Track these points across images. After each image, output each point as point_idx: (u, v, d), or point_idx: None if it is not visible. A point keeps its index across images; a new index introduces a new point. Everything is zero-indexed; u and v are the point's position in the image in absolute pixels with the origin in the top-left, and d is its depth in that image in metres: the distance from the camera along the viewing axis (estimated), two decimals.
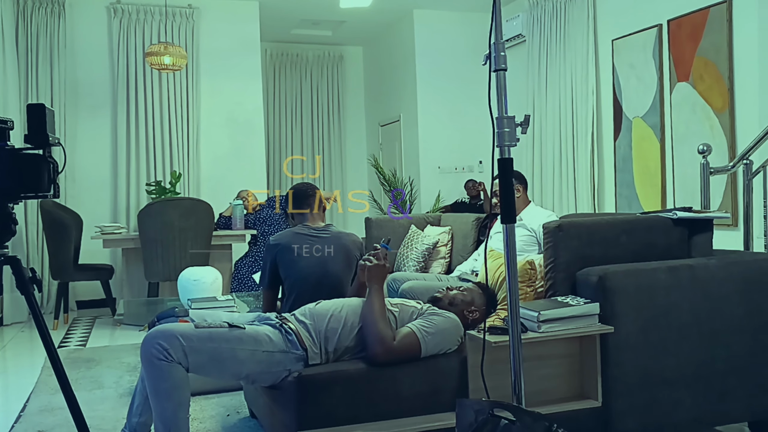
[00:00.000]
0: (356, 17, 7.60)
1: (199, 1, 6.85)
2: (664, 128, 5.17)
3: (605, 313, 2.35)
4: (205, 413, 3.09)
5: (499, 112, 1.92)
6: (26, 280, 2.08)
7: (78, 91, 6.50)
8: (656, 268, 2.45)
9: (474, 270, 3.92)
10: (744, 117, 4.49)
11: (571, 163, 6.09)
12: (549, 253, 2.52)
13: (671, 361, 2.42)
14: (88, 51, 6.54)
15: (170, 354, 2.07)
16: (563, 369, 2.43)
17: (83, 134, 6.51)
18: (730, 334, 2.49)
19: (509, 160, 1.93)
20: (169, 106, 6.69)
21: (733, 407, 2.51)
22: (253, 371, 2.21)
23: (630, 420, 2.38)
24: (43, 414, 3.18)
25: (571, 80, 6.08)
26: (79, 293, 6.39)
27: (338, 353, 2.31)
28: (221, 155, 6.96)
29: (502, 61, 1.91)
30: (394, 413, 2.25)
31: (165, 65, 5.77)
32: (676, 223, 2.64)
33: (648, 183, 5.34)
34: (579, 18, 5.98)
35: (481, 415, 1.88)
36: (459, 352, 2.36)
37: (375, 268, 2.42)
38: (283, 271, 2.90)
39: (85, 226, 5.92)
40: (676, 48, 5.01)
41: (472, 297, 2.55)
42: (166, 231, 5.33)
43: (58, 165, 2.10)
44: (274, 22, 7.55)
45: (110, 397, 3.42)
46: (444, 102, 7.54)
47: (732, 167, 3.75)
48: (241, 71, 7.03)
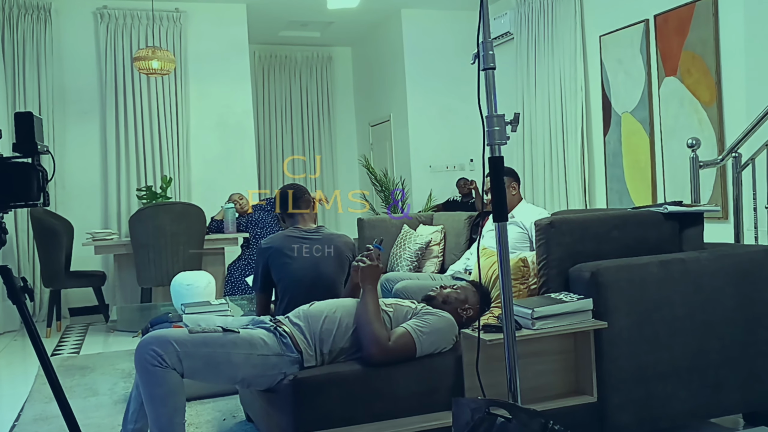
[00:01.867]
0: (344, 18, 7.60)
1: (187, 5, 6.82)
2: (653, 123, 5.19)
3: (599, 309, 2.36)
4: (201, 418, 3.08)
5: (489, 110, 1.92)
6: (17, 289, 2.07)
7: (66, 97, 6.46)
8: (648, 263, 2.46)
9: (467, 269, 3.93)
10: (732, 110, 4.52)
11: (562, 160, 6.10)
12: (541, 249, 2.53)
13: (665, 355, 2.43)
14: (75, 57, 6.51)
15: (165, 360, 2.06)
16: (558, 365, 2.44)
17: (72, 141, 6.47)
18: (723, 326, 2.50)
19: (500, 159, 1.93)
20: (158, 111, 6.66)
21: (727, 399, 2.53)
22: (248, 375, 2.21)
23: (625, 414, 2.39)
24: (37, 423, 3.16)
25: (560, 77, 6.10)
26: (72, 300, 6.36)
27: (333, 355, 2.31)
28: (212, 158, 6.94)
29: (491, 60, 1.92)
30: (391, 413, 2.25)
31: (153, 69, 5.74)
32: (667, 217, 2.65)
33: (638, 177, 5.37)
34: (566, 15, 6.00)
35: (477, 414, 1.88)
36: (454, 350, 2.36)
37: (368, 269, 2.42)
38: (276, 274, 2.89)
39: (76, 232, 5.89)
40: (664, 43, 5.04)
41: (466, 295, 2.55)
42: (157, 236, 5.31)
43: (47, 173, 2.08)
44: (262, 24, 7.53)
45: (105, 404, 3.41)
46: (434, 101, 7.54)
47: (721, 160, 3.77)
48: (229, 74, 7.01)
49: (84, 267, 5.98)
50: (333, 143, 8.84)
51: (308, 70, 8.75)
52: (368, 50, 8.55)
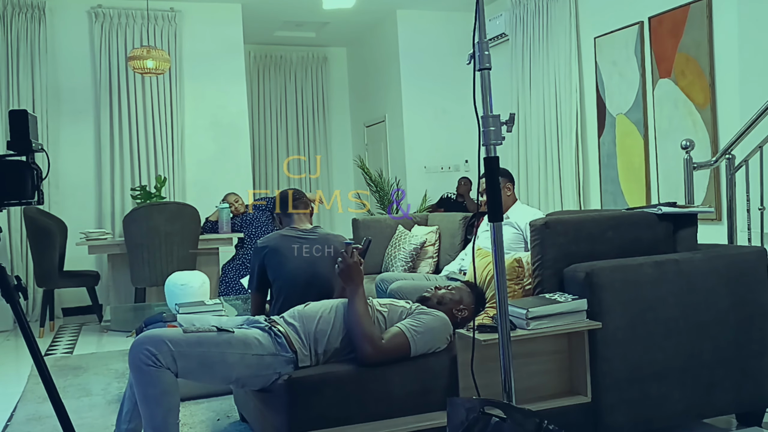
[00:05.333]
0: (339, 18, 7.60)
1: (182, 4, 6.81)
2: (647, 124, 5.21)
3: (593, 309, 2.37)
4: (195, 418, 3.08)
5: (485, 110, 1.93)
6: (11, 288, 2.06)
7: (60, 96, 6.44)
8: (642, 263, 2.46)
9: (462, 269, 3.93)
10: (725, 112, 4.54)
11: (556, 161, 6.12)
12: (536, 250, 2.53)
13: (659, 355, 2.44)
14: (69, 56, 6.48)
15: (159, 359, 2.06)
16: (552, 365, 2.45)
17: (66, 140, 6.44)
18: (717, 326, 2.51)
19: (495, 159, 1.93)
20: (153, 110, 6.65)
21: (720, 399, 2.54)
22: (242, 375, 2.21)
23: (619, 414, 2.40)
24: (30, 423, 3.15)
25: (555, 78, 6.11)
26: (65, 300, 6.33)
27: (328, 355, 2.31)
28: (206, 158, 6.93)
29: (486, 61, 1.93)
30: (386, 413, 2.25)
31: (148, 69, 5.73)
32: (661, 218, 2.66)
33: (632, 179, 5.38)
34: (561, 16, 6.02)
35: (472, 414, 1.89)
36: (449, 350, 2.36)
37: (347, 269, 2.35)
38: (272, 274, 2.89)
39: (70, 232, 5.87)
40: (658, 45, 5.06)
41: (461, 296, 2.55)
42: (151, 236, 5.29)
43: (41, 171, 2.08)
44: (257, 24, 7.52)
45: (98, 405, 3.39)
46: (428, 101, 7.55)
47: (715, 162, 3.79)
48: (224, 74, 7.00)
49: (77, 267, 5.96)
50: (328, 144, 8.83)
51: (303, 71, 8.75)
52: (363, 51, 8.55)
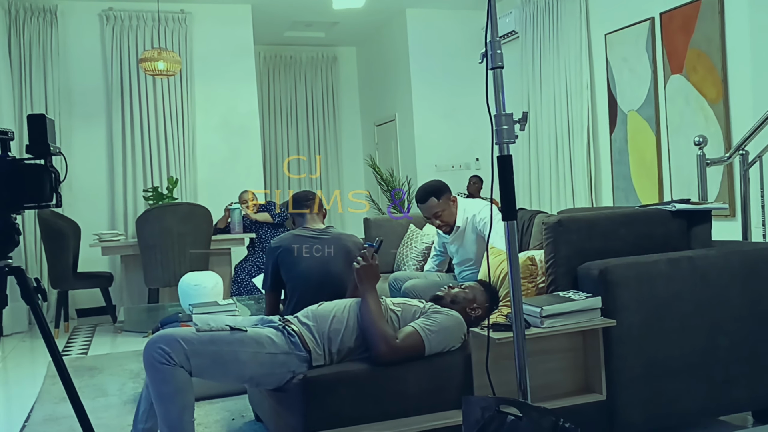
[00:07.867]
0: (349, 18, 7.60)
1: (192, 6, 6.84)
2: (659, 120, 5.18)
3: (607, 307, 2.36)
4: (210, 418, 3.09)
5: (497, 109, 1.93)
6: (31, 290, 2.09)
7: (72, 99, 6.49)
8: (657, 260, 2.46)
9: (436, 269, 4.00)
10: (738, 107, 4.51)
11: (568, 158, 6.10)
12: (549, 248, 2.53)
13: (674, 352, 2.43)
14: (81, 59, 6.53)
15: (172, 357, 2.07)
16: (567, 363, 2.44)
17: (78, 142, 6.49)
18: (732, 323, 2.50)
19: (508, 157, 1.94)
20: (164, 112, 6.68)
21: (736, 396, 2.53)
22: (256, 373, 2.21)
23: (635, 412, 2.39)
24: (47, 423, 3.18)
25: (565, 75, 6.09)
26: (79, 301, 6.38)
27: (342, 354, 2.31)
28: (218, 159, 6.96)
29: (499, 59, 1.93)
30: (401, 412, 2.26)
31: (159, 71, 5.76)
32: (675, 215, 2.65)
33: (644, 175, 5.36)
34: (571, 13, 5.99)
35: (487, 412, 1.89)
36: (463, 349, 2.36)
37: (363, 269, 2.41)
38: (285, 273, 2.90)
39: (83, 234, 5.92)
40: (669, 40, 5.03)
41: (474, 294, 2.56)
42: (164, 237, 5.32)
43: (59, 174, 2.10)
44: (267, 24, 7.54)
45: (114, 405, 3.42)
46: (439, 100, 7.54)
47: (728, 158, 3.77)
48: (235, 75, 7.02)
49: (91, 268, 6.01)
50: (338, 143, 8.85)
51: (313, 71, 8.76)
52: (373, 50, 8.56)
